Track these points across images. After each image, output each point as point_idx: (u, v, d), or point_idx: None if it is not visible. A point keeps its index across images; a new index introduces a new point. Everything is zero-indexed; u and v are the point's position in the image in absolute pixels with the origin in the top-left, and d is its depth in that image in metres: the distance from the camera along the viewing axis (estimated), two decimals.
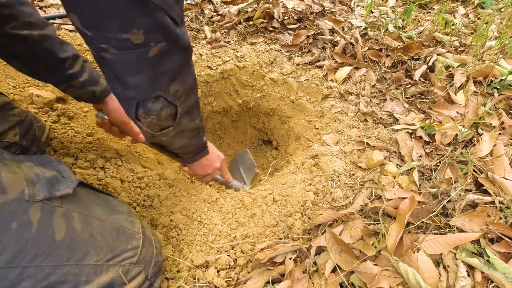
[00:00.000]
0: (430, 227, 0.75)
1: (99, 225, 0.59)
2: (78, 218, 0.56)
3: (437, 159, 0.92)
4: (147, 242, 0.67)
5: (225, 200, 0.92)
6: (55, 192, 0.53)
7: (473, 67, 1.18)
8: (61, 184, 0.56)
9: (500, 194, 0.78)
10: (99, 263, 0.56)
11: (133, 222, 0.67)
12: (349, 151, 1.02)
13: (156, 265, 0.68)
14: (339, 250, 0.72)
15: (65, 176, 0.58)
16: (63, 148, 0.91)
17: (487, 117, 1.04)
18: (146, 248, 0.65)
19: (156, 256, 0.68)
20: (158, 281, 0.69)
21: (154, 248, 0.68)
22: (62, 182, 0.56)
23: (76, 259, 0.53)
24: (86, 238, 0.55)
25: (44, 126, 0.90)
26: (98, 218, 0.59)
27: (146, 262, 0.64)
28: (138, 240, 0.64)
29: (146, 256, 0.64)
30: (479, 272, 0.66)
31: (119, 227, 0.62)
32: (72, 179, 0.58)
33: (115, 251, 0.59)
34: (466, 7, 1.74)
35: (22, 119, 0.82)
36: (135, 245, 0.63)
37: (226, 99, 1.53)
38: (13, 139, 0.79)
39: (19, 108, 0.82)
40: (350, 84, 1.28)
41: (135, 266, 0.61)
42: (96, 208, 0.61)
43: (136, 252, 0.62)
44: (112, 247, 0.59)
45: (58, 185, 0.55)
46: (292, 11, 1.65)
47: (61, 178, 0.57)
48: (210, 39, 1.58)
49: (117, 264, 0.58)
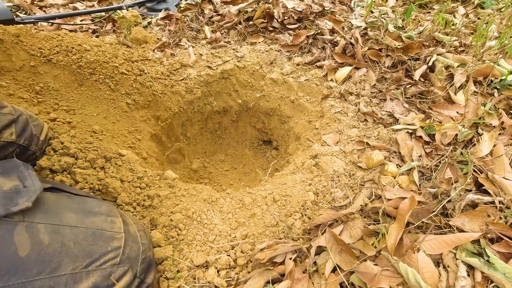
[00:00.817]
0: (430, 227, 0.75)
1: (71, 232, 0.57)
2: (44, 229, 0.54)
3: (437, 159, 0.92)
4: (130, 240, 0.65)
5: (225, 200, 0.92)
6: (13, 207, 0.52)
7: (473, 67, 1.18)
8: (22, 195, 0.54)
9: (500, 194, 0.78)
10: (76, 271, 0.54)
11: (113, 221, 0.65)
12: (349, 151, 1.02)
13: (145, 261, 0.66)
14: (339, 250, 0.72)
15: (27, 185, 0.56)
16: (63, 148, 0.91)
17: (487, 117, 1.04)
18: (130, 246, 0.64)
19: (143, 252, 0.67)
20: (151, 276, 0.68)
21: (140, 245, 0.67)
22: (22, 193, 0.54)
23: (48, 271, 0.51)
24: (56, 248, 0.53)
25: (41, 125, 0.90)
26: (69, 225, 0.58)
27: (131, 261, 0.63)
28: (119, 240, 0.63)
29: (130, 255, 0.63)
30: (479, 272, 0.66)
31: (95, 231, 0.61)
32: (34, 188, 0.56)
33: (93, 256, 0.57)
34: (466, 7, 1.74)
35: (15, 117, 0.80)
36: (116, 246, 0.61)
37: (226, 99, 1.53)
38: (9, 138, 0.78)
39: (9, 107, 0.81)
40: (350, 84, 1.28)
41: (118, 267, 0.60)
42: (68, 214, 0.60)
43: (117, 252, 0.61)
44: (89, 252, 0.57)
45: (17, 198, 0.53)
46: (292, 11, 1.65)
47: (22, 189, 0.55)
48: (210, 39, 1.58)
49: (97, 269, 0.57)
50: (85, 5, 2.02)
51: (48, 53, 1.11)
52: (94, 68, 1.19)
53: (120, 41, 1.43)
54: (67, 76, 1.14)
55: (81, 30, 1.66)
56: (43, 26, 1.61)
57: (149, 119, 1.33)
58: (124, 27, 1.56)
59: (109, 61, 1.24)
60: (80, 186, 0.85)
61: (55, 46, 1.14)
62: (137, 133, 1.25)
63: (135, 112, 1.28)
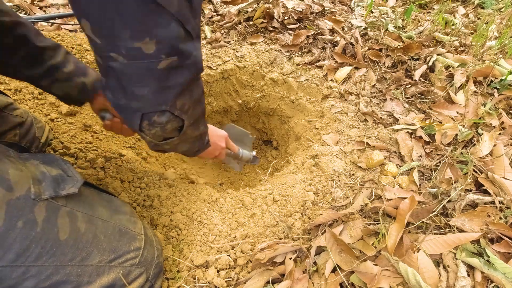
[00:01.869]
0: (430, 227, 0.75)
1: (103, 226, 0.59)
2: (82, 217, 0.55)
3: (437, 159, 0.92)
4: (148, 244, 0.66)
5: (225, 200, 0.92)
6: (61, 191, 0.53)
7: (473, 67, 1.18)
8: (67, 183, 0.56)
9: (500, 194, 0.78)
10: (101, 263, 0.56)
11: (135, 222, 0.67)
12: (349, 151, 1.02)
13: (157, 266, 0.67)
14: (339, 250, 0.72)
15: (70, 175, 0.58)
16: (63, 148, 0.91)
17: (487, 117, 1.04)
18: (147, 249, 0.65)
19: (157, 257, 0.68)
20: (159, 282, 0.69)
21: (155, 250, 0.68)
22: (67, 181, 0.56)
23: (79, 259, 0.53)
24: (89, 238, 0.55)
25: (44, 127, 0.90)
26: (101, 218, 0.59)
27: (147, 264, 0.64)
28: (140, 241, 0.64)
29: (147, 258, 0.64)
30: (479, 272, 0.66)
31: (121, 228, 0.62)
32: (77, 178, 0.58)
33: (117, 252, 0.59)
34: (466, 7, 1.74)
35: (24, 120, 0.82)
36: (137, 246, 0.63)
37: (226, 99, 1.53)
38: (12, 139, 0.79)
39: (21, 109, 0.82)
40: (350, 84, 1.28)
41: (136, 268, 0.61)
42: (100, 208, 0.61)
43: (138, 253, 0.62)
44: (115, 248, 0.59)
45: (63, 184, 0.55)
46: (292, 11, 1.65)
47: (67, 177, 0.57)
48: (210, 39, 1.58)
49: (119, 265, 0.58)
50: None
51: None
52: (94, 68, 1.19)
53: None
54: None
55: (81, 30, 1.66)
56: (43, 26, 1.61)
57: None
58: None
59: None
60: None
61: None
62: None
63: None
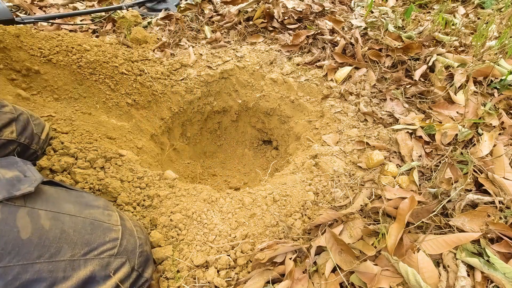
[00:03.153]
0: (430, 227, 0.75)
1: (71, 220, 0.58)
2: (45, 215, 0.55)
3: (437, 159, 0.92)
4: (127, 234, 0.66)
5: (225, 200, 0.92)
6: (15, 192, 0.53)
7: (473, 67, 1.18)
8: (23, 183, 0.56)
9: (500, 194, 0.78)
10: (75, 258, 0.56)
11: (110, 215, 0.67)
12: (349, 151, 1.02)
13: (142, 255, 0.67)
14: (339, 250, 0.72)
15: (28, 175, 0.58)
16: (63, 148, 0.91)
17: (487, 117, 1.03)
18: (127, 239, 0.65)
19: (140, 246, 0.67)
20: (149, 270, 0.68)
21: (137, 239, 0.68)
22: (24, 181, 0.56)
23: (48, 255, 0.52)
24: (57, 234, 0.55)
25: (43, 124, 0.90)
26: (69, 214, 0.59)
27: (128, 253, 0.64)
28: (117, 232, 0.64)
29: (127, 247, 0.64)
30: (479, 272, 0.66)
31: (93, 221, 0.62)
32: (36, 178, 0.58)
33: (91, 245, 0.58)
34: (466, 7, 1.74)
35: (16, 116, 0.81)
36: (113, 237, 0.63)
37: (226, 99, 1.53)
38: (10, 136, 0.78)
39: (10, 106, 0.82)
40: (350, 84, 1.28)
41: (116, 258, 0.61)
42: (67, 205, 0.61)
43: (115, 244, 0.62)
44: (88, 240, 0.58)
45: (19, 185, 0.55)
46: (292, 11, 1.65)
47: (24, 178, 0.57)
48: (210, 39, 1.58)
49: (95, 258, 0.58)
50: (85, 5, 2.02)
51: (48, 53, 1.11)
52: (94, 68, 1.19)
53: (120, 41, 1.43)
54: (67, 76, 1.14)
55: (81, 30, 1.66)
56: (43, 26, 1.61)
57: (149, 119, 1.33)
58: (124, 27, 1.56)
59: (109, 61, 1.24)
60: (80, 186, 0.85)
61: (55, 46, 1.14)
62: (137, 133, 1.25)
63: (135, 112, 1.28)
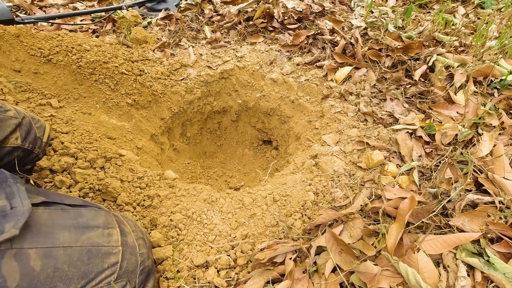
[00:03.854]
0: (430, 227, 0.75)
1: (65, 254, 0.54)
2: (36, 254, 0.51)
3: (437, 159, 0.92)
4: (128, 253, 0.64)
5: (225, 200, 0.92)
6: None
7: (473, 67, 1.18)
8: (9, 220, 0.50)
9: (500, 194, 0.78)
10: None
11: (110, 234, 0.63)
12: (349, 151, 1.02)
13: (143, 272, 0.65)
14: (339, 250, 0.72)
15: (14, 205, 0.53)
16: (63, 148, 0.91)
17: (487, 117, 1.03)
18: (127, 260, 0.63)
19: (141, 263, 0.65)
20: (149, 284, 0.67)
21: (138, 256, 0.66)
22: (9, 217, 0.50)
23: None
24: (49, 274, 0.51)
25: (44, 127, 0.89)
26: (63, 246, 0.55)
27: (129, 274, 0.62)
28: (116, 255, 0.61)
29: (128, 269, 0.62)
30: (479, 272, 0.66)
31: (91, 248, 0.59)
32: (22, 210, 0.52)
33: (88, 276, 0.55)
34: (466, 7, 1.74)
35: (20, 120, 0.80)
36: (112, 262, 0.60)
37: (226, 99, 1.53)
38: (15, 143, 0.77)
39: (13, 110, 0.81)
40: (350, 84, 1.28)
41: (116, 283, 0.59)
42: (61, 234, 0.56)
43: (115, 268, 0.60)
44: (84, 272, 0.55)
45: (4, 224, 0.49)
46: (292, 11, 1.65)
47: (9, 212, 0.51)
48: (210, 39, 1.58)
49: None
50: (85, 5, 2.02)
51: (48, 53, 1.11)
52: (94, 68, 1.19)
53: (120, 41, 1.43)
54: (67, 76, 1.14)
55: (81, 30, 1.66)
56: (43, 26, 1.61)
57: (149, 119, 1.33)
58: (124, 27, 1.56)
59: (109, 61, 1.24)
60: (80, 186, 0.85)
61: (55, 46, 1.14)
62: (137, 133, 1.25)
63: (135, 112, 1.28)
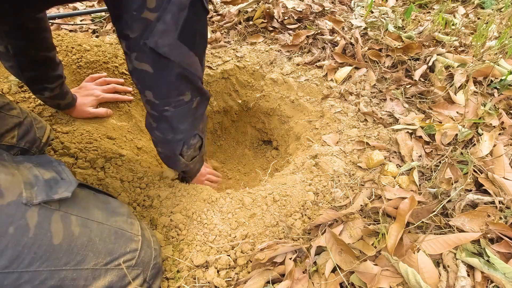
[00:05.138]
0: (430, 227, 0.75)
1: (98, 228, 0.58)
2: (76, 221, 0.55)
3: (437, 159, 0.92)
4: (145, 245, 0.66)
5: (225, 200, 0.92)
6: (53, 195, 0.52)
7: (473, 67, 1.18)
8: (60, 186, 0.55)
9: (500, 194, 0.78)
10: (97, 266, 0.55)
11: (132, 224, 0.67)
12: (349, 151, 1.02)
13: (155, 267, 0.67)
14: (339, 250, 0.72)
15: (64, 178, 0.58)
16: (63, 148, 0.91)
17: (487, 117, 1.04)
18: (144, 250, 0.65)
19: (155, 258, 0.68)
20: (157, 282, 0.69)
21: (153, 250, 0.68)
22: (61, 184, 0.56)
23: (74, 263, 0.52)
24: (84, 241, 0.55)
25: (45, 127, 0.90)
26: (97, 221, 0.59)
27: (144, 265, 0.64)
28: (137, 243, 0.64)
29: (144, 259, 0.64)
30: (479, 272, 0.66)
31: (118, 230, 0.62)
32: (71, 181, 0.57)
33: (113, 255, 0.58)
34: (466, 7, 1.74)
35: (22, 120, 0.81)
36: (133, 248, 0.63)
37: (226, 99, 1.53)
38: (10, 141, 0.78)
39: (18, 109, 0.81)
40: (350, 84, 1.28)
41: (133, 269, 0.61)
42: (95, 211, 0.61)
43: (134, 255, 0.62)
44: (111, 250, 0.58)
45: (56, 188, 0.54)
46: (292, 11, 1.65)
47: (60, 180, 0.56)
48: (210, 39, 1.58)
49: (115, 268, 0.58)
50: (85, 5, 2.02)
51: None
52: (94, 68, 1.19)
53: None
54: (67, 76, 1.14)
55: (81, 30, 1.66)
56: None
57: None
58: None
59: (109, 61, 1.24)
60: None
61: None
62: (137, 133, 1.25)
63: (135, 112, 1.28)
